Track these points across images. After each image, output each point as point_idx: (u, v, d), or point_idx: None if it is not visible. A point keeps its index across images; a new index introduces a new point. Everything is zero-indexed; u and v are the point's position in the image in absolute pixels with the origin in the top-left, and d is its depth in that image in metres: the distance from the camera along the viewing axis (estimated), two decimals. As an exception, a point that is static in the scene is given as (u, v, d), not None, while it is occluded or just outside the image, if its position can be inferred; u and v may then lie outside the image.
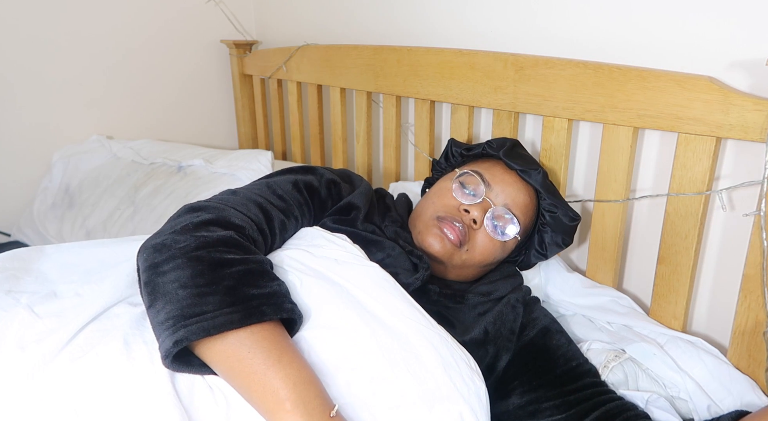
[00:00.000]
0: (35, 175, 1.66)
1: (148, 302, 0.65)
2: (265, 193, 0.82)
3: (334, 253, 0.77)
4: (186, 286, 0.63)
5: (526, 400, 0.81)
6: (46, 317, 0.67)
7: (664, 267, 0.95)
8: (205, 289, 0.63)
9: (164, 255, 0.66)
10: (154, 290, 0.64)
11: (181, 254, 0.66)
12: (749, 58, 0.84)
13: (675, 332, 0.92)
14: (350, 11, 1.56)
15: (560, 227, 0.95)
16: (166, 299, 0.63)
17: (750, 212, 0.82)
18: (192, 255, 0.66)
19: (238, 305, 0.62)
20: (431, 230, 0.88)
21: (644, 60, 0.95)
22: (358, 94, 1.46)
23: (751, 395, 0.82)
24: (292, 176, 0.88)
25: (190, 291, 0.62)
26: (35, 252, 0.84)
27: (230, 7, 1.90)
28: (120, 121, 1.78)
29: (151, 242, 0.70)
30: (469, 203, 0.90)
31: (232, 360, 0.61)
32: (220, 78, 1.97)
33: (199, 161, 1.51)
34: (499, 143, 0.97)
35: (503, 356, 0.85)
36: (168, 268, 0.65)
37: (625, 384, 0.87)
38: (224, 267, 0.65)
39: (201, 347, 0.63)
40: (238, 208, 0.77)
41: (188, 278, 0.64)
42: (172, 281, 0.64)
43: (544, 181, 0.93)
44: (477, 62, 1.13)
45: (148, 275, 0.66)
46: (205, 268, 0.65)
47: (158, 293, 0.64)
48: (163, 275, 0.65)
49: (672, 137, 0.92)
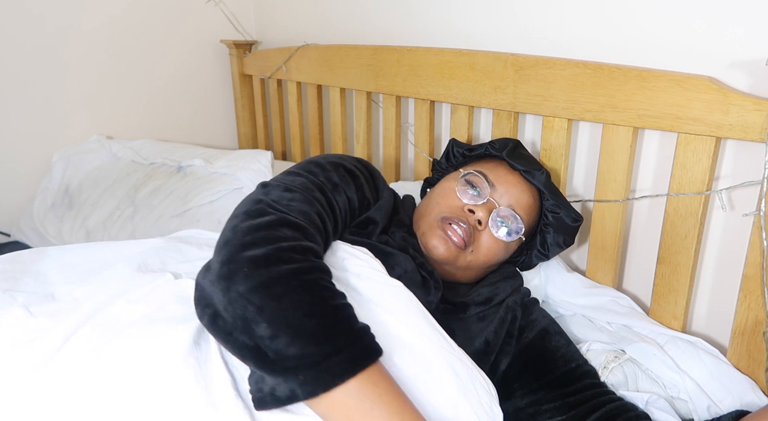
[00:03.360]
0: (35, 175, 1.66)
1: (270, 331, 0.59)
2: (325, 208, 0.78)
3: (356, 268, 0.75)
4: (310, 316, 0.60)
5: (526, 402, 0.81)
6: (40, 316, 0.67)
7: (664, 267, 0.95)
8: (326, 320, 0.60)
9: (272, 272, 0.62)
10: (273, 317, 0.59)
11: (294, 276, 0.62)
12: (749, 58, 0.84)
13: (675, 332, 0.92)
14: (350, 11, 1.56)
15: (563, 228, 0.94)
16: (292, 332, 0.58)
17: (750, 212, 0.82)
18: (305, 280, 0.63)
19: (356, 342, 0.61)
20: (435, 232, 0.87)
21: (644, 60, 0.95)
22: (357, 94, 1.46)
23: (751, 395, 0.82)
24: (343, 191, 0.83)
25: (316, 322, 0.60)
26: (36, 254, 0.84)
27: (230, 7, 1.90)
28: (120, 121, 1.78)
29: (247, 252, 0.64)
30: (473, 204, 0.89)
31: (354, 414, 0.58)
32: (220, 78, 1.97)
33: (198, 161, 1.51)
34: (501, 144, 0.97)
35: (503, 359, 0.85)
36: (281, 290, 0.61)
37: (625, 385, 0.87)
38: (331, 298, 0.63)
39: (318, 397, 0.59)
40: (312, 225, 0.73)
41: (309, 306, 0.60)
42: (293, 309, 0.60)
43: (547, 181, 0.93)
44: (477, 62, 1.13)
45: (261, 296, 0.60)
46: (318, 296, 0.62)
47: (280, 323, 0.59)
48: (279, 299, 0.60)
49: (672, 137, 0.92)
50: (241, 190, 1.38)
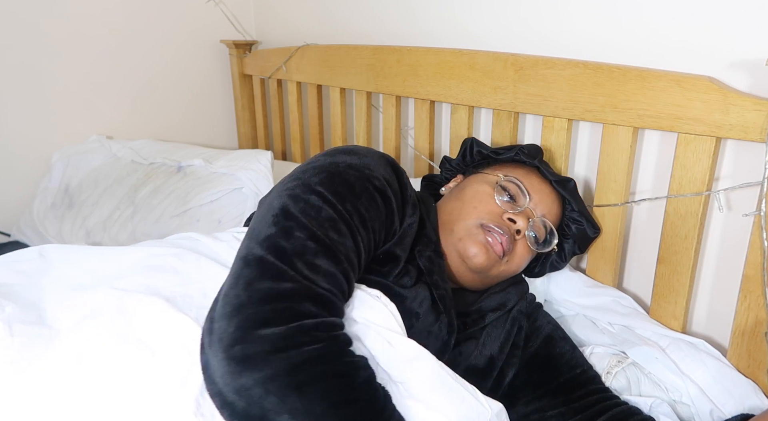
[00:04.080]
0: (35, 175, 1.66)
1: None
2: (351, 258, 0.68)
3: (382, 332, 0.67)
4: (338, 405, 0.54)
5: (532, 408, 0.81)
6: (18, 337, 0.63)
7: (664, 267, 0.95)
8: (353, 409, 0.55)
9: (294, 358, 0.55)
10: (297, 410, 0.53)
11: (319, 361, 0.56)
12: (749, 58, 0.84)
13: (677, 334, 0.92)
14: (350, 11, 1.56)
15: (582, 239, 0.95)
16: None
17: (750, 212, 0.82)
18: (331, 364, 0.57)
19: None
20: (476, 239, 0.82)
21: (644, 60, 0.95)
22: (357, 94, 1.46)
23: (753, 398, 0.82)
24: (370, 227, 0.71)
25: (345, 413, 0.54)
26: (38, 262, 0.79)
27: (230, 7, 1.90)
28: (120, 121, 1.78)
29: (264, 331, 0.56)
30: (513, 212, 0.86)
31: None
32: (220, 78, 1.97)
33: (198, 161, 1.51)
34: (532, 151, 0.94)
35: (509, 372, 0.84)
36: (304, 378, 0.55)
37: (628, 390, 0.86)
38: (357, 375, 0.59)
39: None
40: (338, 290, 0.65)
41: (336, 393, 0.55)
42: (320, 399, 0.54)
43: (575, 191, 0.93)
44: (477, 62, 1.13)
45: (281, 385, 0.54)
46: (345, 383, 0.57)
47: (306, 416, 0.53)
48: (302, 388, 0.54)
49: (672, 137, 0.92)
50: (240, 190, 1.38)
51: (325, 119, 1.67)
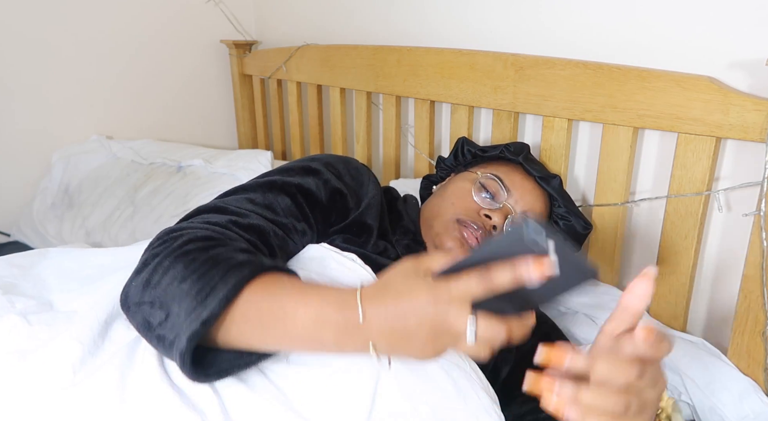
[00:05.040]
0: (35, 175, 1.66)
1: (160, 317, 0.59)
2: (260, 210, 0.74)
3: (347, 280, 0.70)
4: (184, 278, 0.59)
5: (526, 409, 0.80)
6: (37, 324, 0.66)
7: (664, 267, 0.95)
8: (204, 268, 0.59)
9: (149, 268, 0.61)
10: (161, 302, 0.59)
11: (164, 256, 0.61)
12: (749, 58, 0.84)
13: (676, 333, 0.92)
14: (350, 11, 1.56)
15: (573, 236, 0.94)
16: (175, 302, 0.58)
17: (750, 212, 0.82)
18: (177, 253, 0.61)
19: (242, 268, 0.59)
20: (451, 234, 0.85)
21: (644, 60, 0.95)
22: (357, 94, 1.46)
23: (752, 396, 0.82)
24: (293, 185, 0.78)
25: (192, 278, 0.58)
26: (36, 256, 0.83)
27: (230, 7, 1.90)
28: (120, 121, 1.78)
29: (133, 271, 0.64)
30: (490, 208, 0.87)
31: (256, 318, 0.57)
32: (220, 78, 1.97)
33: (198, 161, 1.51)
34: (517, 148, 0.95)
35: (503, 367, 0.83)
36: (158, 277, 0.60)
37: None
38: (215, 248, 0.62)
39: (222, 328, 0.58)
40: (231, 232, 0.69)
41: (182, 270, 0.59)
42: (169, 284, 0.59)
43: (560, 188, 0.92)
44: (477, 62, 1.13)
45: (146, 294, 0.61)
46: (195, 256, 0.60)
47: (167, 304, 0.58)
48: (158, 285, 0.60)
49: (672, 137, 0.92)
50: (241, 190, 1.38)
51: (325, 119, 1.67)
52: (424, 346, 0.52)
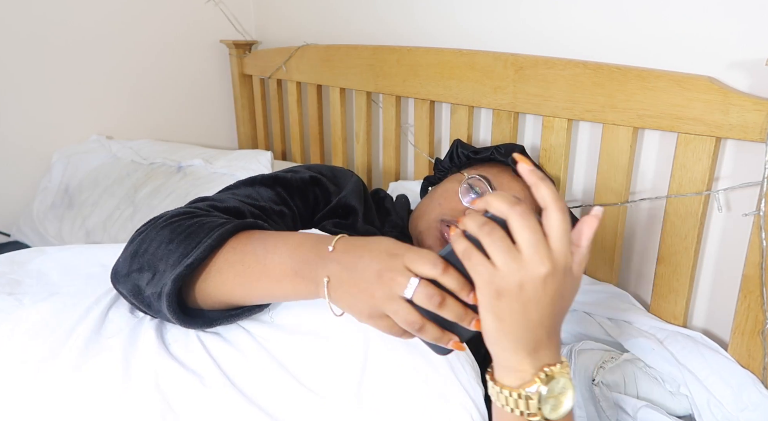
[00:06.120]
0: (35, 175, 1.66)
1: (148, 277, 0.64)
2: (240, 198, 0.80)
3: None
4: (171, 240, 0.64)
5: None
6: (48, 315, 0.68)
7: (664, 267, 0.95)
8: (189, 230, 0.65)
9: (135, 242, 0.67)
10: (149, 265, 0.64)
11: (150, 230, 0.67)
12: (749, 58, 0.84)
13: (675, 327, 0.92)
14: (350, 11, 1.56)
15: None
16: (162, 261, 0.63)
17: (750, 212, 0.82)
18: (162, 224, 0.67)
19: (225, 224, 0.65)
20: (433, 233, 0.87)
21: (644, 60, 0.95)
22: (357, 94, 1.46)
23: (752, 389, 0.82)
24: (271, 178, 0.85)
25: (177, 239, 0.64)
26: (34, 253, 0.84)
27: (230, 7, 1.90)
28: (119, 121, 1.78)
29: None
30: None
31: (239, 261, 0.62)
32: (220, 78, 1.97)
33: (198, 161, 1.51)
34: (507, 149, 0.96)
35: (482, 348, 0.84)
36: (146, 246, 0.66)
37: (623, 386, 0.87)
38: (198, 217, 0.68)
39: (202, 281, 0.64)
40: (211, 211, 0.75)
41: (168, 234, 0.65)
42: (156, 248, 0.64)
43: None
44: (477, 62, 1.13)
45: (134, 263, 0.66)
46: (179, 223, 0.66)
47: (155, 265, 0.63)
48: (145, 252, 0.65)
49: (672, 137, 0.92)
50: (241, 190, 1.38)
51: (325, 119, 1.67)
52: (364, 291, 0.53)
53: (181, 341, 0.65)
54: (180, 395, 0.60)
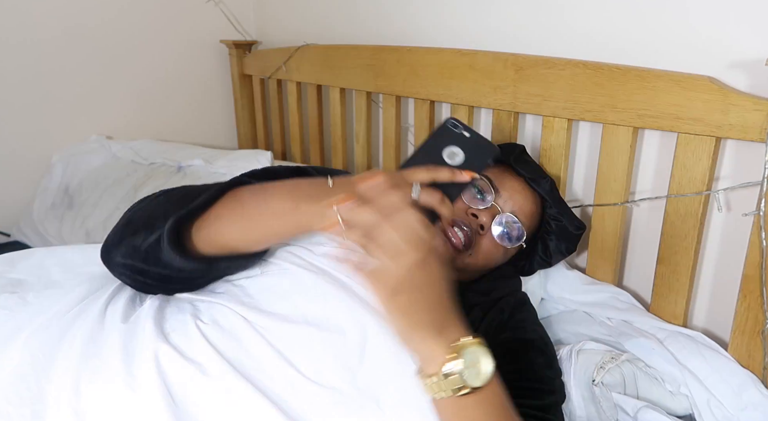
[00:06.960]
0: (35, 175, 1.66)
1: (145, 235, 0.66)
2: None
3: (335, 251, 0.76)
4: (168, 201, 0.68)
5: None
6: (49, 310, 0.69)
7: (664, 267, 0.95)
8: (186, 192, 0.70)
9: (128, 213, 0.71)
10: (144, 224, 0.67)
11: (142, 202, 0.71)
12: (749, 58, 0.84)
13: (675, 327, 0.92)
14: (350, 11, 1.56)
15: (565, 236, 0.94)
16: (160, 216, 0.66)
17: (750, 212, 0.82)
18: (155, 195, 0.71)
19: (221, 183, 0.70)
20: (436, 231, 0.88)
21: (644, 60, 0.95)
22: (357, 94, 1.46)
23: (752, 389, 0.82)
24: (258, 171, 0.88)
25: (175, 199, 0.68)
26: (34, 252, 0.84)
27: (230, 7, 1.90)
28: (120, 121, 1.78)
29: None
30: (477, 208, 0.88)
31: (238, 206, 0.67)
32: (220, 78, 1.97)
33: (198, 161, 1.51)
34: (507, 149, 0.96)
35: None
36: (141, 212, 0.69)
37: (623, 386, 0.86)
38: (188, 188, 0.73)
39: (202, 229, 0.67)
40: None
41: (164, 199, 0.69)
42: (153, 209, 0.68)
43: (551, 189, 0.93)
44: (477, 62, 1.13)
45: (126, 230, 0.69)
46: (176, 191, 0.71)
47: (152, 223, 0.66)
48: (141, 217, 0.68)
49: (672, 137, 0.92)
50: (241, 190, 1.38)
51: (325, 119, 1.67)
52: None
53: (179, 330, 0.65)
54: (181, 384, 0.60)
